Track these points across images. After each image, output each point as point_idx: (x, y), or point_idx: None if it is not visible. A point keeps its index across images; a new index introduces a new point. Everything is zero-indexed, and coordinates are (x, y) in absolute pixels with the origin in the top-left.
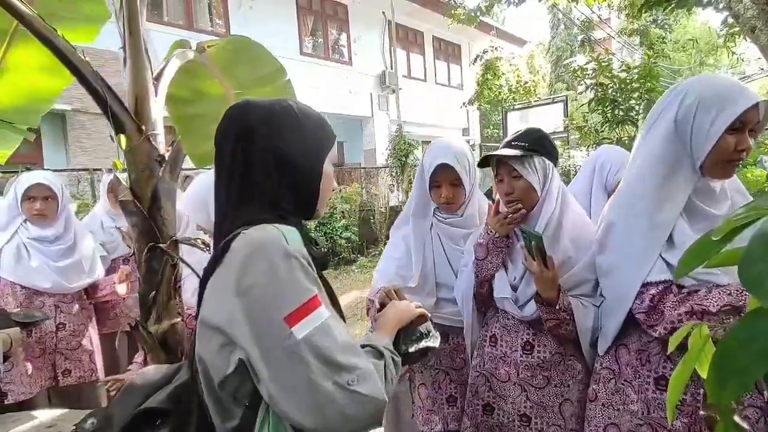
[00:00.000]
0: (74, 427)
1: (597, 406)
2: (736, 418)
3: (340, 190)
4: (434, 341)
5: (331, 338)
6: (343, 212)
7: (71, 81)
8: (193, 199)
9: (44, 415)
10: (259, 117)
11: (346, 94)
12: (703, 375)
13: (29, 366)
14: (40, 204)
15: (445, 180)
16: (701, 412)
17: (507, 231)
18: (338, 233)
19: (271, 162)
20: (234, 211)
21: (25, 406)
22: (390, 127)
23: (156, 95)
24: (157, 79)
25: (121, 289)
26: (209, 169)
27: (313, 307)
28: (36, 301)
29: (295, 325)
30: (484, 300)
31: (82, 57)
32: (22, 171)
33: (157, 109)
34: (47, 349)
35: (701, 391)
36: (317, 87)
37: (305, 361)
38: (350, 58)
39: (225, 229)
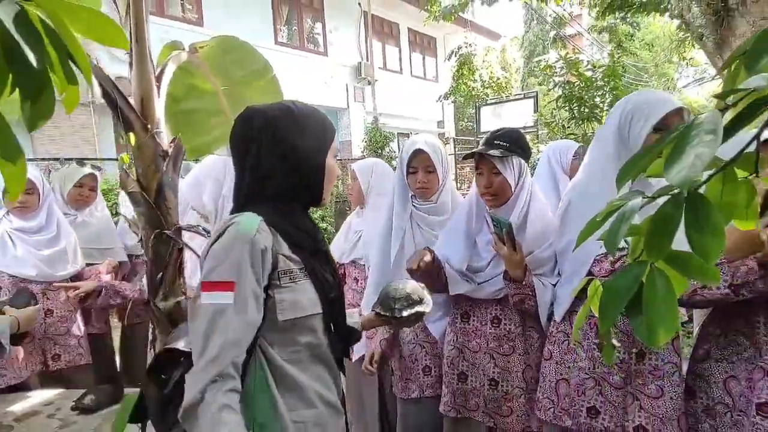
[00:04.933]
0: (74, 403)
1: (551, 363)
2: (613, 341)
3: None
4: (427, 306)
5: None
6: None
7: None
8: (191, 178)
9: (41, 395)
10: (262, 125)
11: (322, 85)
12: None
13: (21, 351)
14: (22, 197)
15: (421, 165)
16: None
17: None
18: None
19: (277, 162)
20: (242, 207)
21: (17, 390)
22: (366, 119)
23: (159, 96)
24: (158, 80)
25: (106, 277)
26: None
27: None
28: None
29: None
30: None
31: (96, 63)
32: None
33: (160, 108)
34: (36, 334)
35: (634, 350)
36: (292, 77)
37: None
38: (326, 49)
39: None
